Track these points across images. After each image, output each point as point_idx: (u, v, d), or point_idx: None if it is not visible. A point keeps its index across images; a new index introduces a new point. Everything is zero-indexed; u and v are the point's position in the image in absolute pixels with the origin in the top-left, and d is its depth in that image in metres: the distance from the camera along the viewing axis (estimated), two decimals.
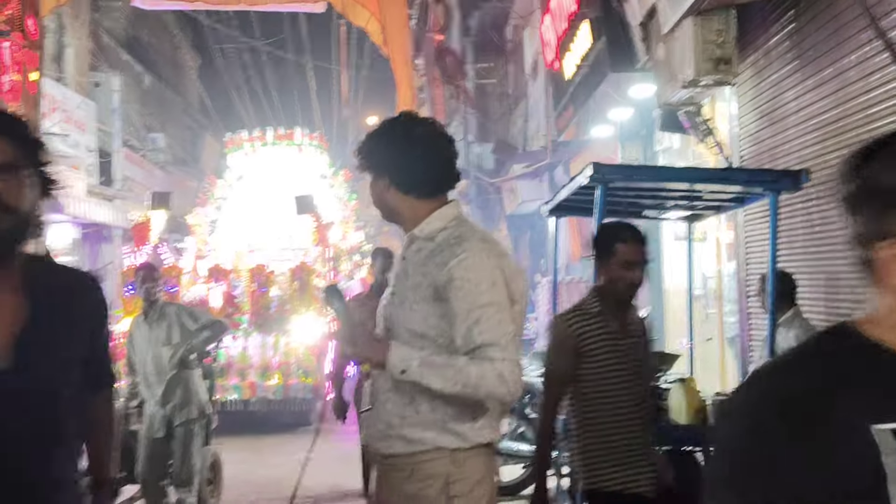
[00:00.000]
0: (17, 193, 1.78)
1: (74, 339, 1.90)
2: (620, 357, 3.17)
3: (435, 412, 2.25)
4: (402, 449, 2.27)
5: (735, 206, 5.41)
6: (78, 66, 16.53)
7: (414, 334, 2.24)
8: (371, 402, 2.39)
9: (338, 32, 19.07)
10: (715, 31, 5.64)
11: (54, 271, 1.98)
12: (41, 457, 1.79)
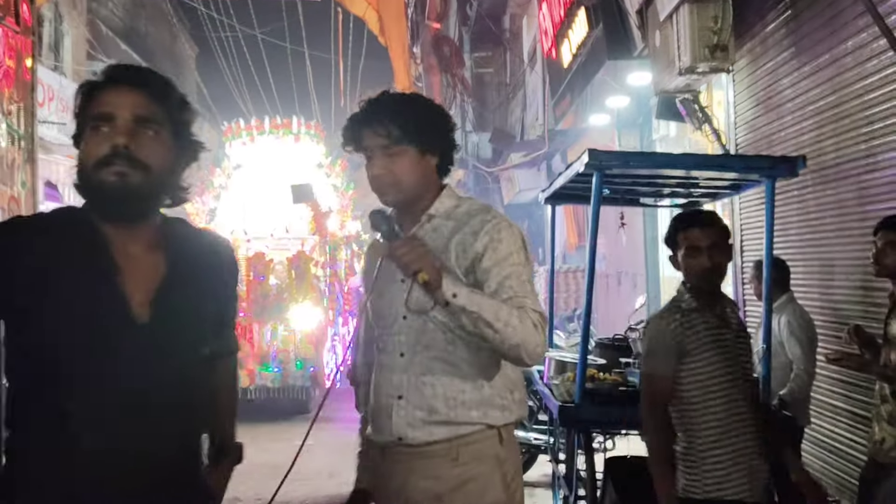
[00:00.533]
0: (152, 150, 1.76)
1: (208, 301, 1.89)
2: (726, 353, 2.98)
3: (481, 389, 2.22)
4: (447, 433, 2.19)
5: (731, 192, 5.41)
6: (75, 55, 16.48)
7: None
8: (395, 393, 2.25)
9: (335, 21, 19.01)
10: (711, 17, 5.64)
11: (191, 233, 1.96)
12: (174, 413, 1.77)
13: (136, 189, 1.74)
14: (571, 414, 4.20)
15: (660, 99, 7.12)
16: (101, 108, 1.75)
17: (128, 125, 1.74)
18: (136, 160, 1.73)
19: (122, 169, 1.72)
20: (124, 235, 1.80)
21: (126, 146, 1.73)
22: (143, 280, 1.77)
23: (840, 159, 5.08)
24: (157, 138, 1.78)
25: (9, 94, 3.40)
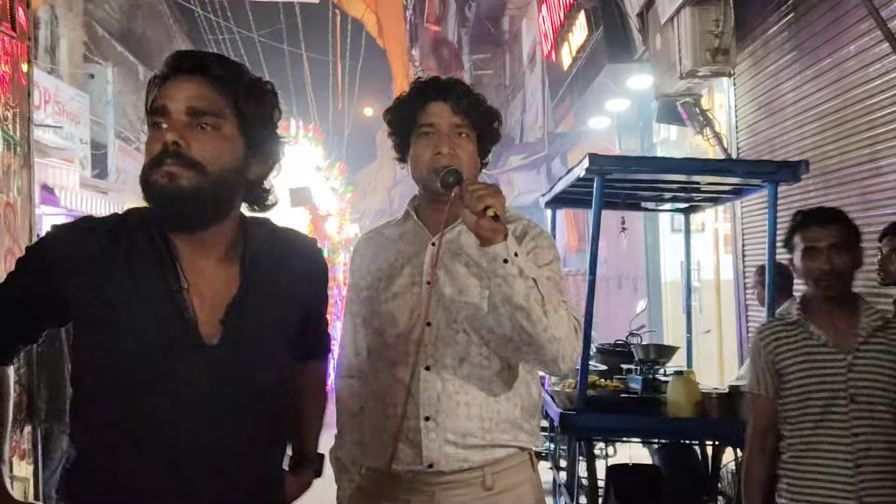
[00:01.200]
0: (208, 146, 1.54)
1: (291, 311, 1.69)
2: (825, 376, 2.58)
3: (513, 410, 2.03)
4: (481, 459, 1.99)
5: (733, 197, 5.37)
6: (71, 58, 16.42)
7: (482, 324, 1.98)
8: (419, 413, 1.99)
9: (333, 23, 18.99)
10: (713, 21, 5.61)
11: (272, 236, 1.72)
12: (249, 441, 1.59)
13: (190, 192, 1.51)
14: (573, 421, 4.16)
15: (661, 102, 7.09)
16: (157, 102, 1.56)
17: (179, 119, 1.53)
18: (188, 158, 1.52)
19: (172, 169, 1.51)
20: (192, 244, 1.60)
21: (176, 143, 1.51)
22: (214, 295, 1.59)
23: (843, 164, 5.05)
24: (217, 133, 1.55)
25: (4, 100, 3.36)
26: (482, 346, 1.99)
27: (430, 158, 2.01)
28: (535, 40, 14.77)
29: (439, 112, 2.04)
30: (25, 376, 3.36)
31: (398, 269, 2.07)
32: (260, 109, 1.62)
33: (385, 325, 2.06)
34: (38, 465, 3.48)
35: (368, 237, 2.26)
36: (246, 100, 1.59)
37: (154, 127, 1.56)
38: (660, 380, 4.51)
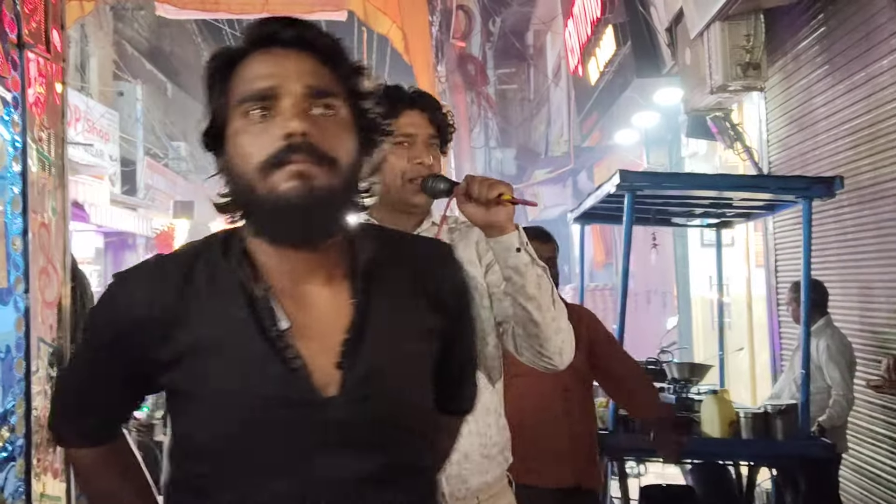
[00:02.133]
0: (336, 137, 1.21)
1: (424, 337, 1.29)
2: None
3: (502, 433, 2.01)
4: (477, 481, 1.95)
5: (765, 213, 5.33)
6: (101, 76, 16.66)
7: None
8: None
9: (359, 40, 19.10)
10: (743, 35, 5.57)
11: (382, 241, 1.32)
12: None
13: (326, 196, 1.18)
14: (606, 441, 4.12)
15: (690, 117, 7.04)
16: (257, 84, 1.19)
17: (301, 103, 1.18)
18: (320, 152, 1.17)
19: (303, 167, 1.16)
20: (296, 267, 1.24)
21: (305, 133, 1.16)
22: (327, 332, 1.22)
23: (877, 179, 4.98)
24: (338, 120, 1.22)
25: (39, 121, 3.39)
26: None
27: (408, 166, 1.98)
28: (560, 54, 14.76)
29: (417, 122, 2.01)
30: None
31: None
32: (366, 90, 1.28)
33: None
34: (69, 483, 3.48)
35: None
36: (356, 79, 1.27)
37: (247, 117, 1.20)
38: (693, 399, 4.46)
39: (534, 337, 1.86)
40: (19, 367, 3.00)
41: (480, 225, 1.83)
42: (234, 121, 1.21)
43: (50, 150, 3.40)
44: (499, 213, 1.78)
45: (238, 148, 1.21)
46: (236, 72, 1.23)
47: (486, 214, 1.79)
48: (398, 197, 2.01)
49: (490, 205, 1.78)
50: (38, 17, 3.37)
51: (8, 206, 3.00)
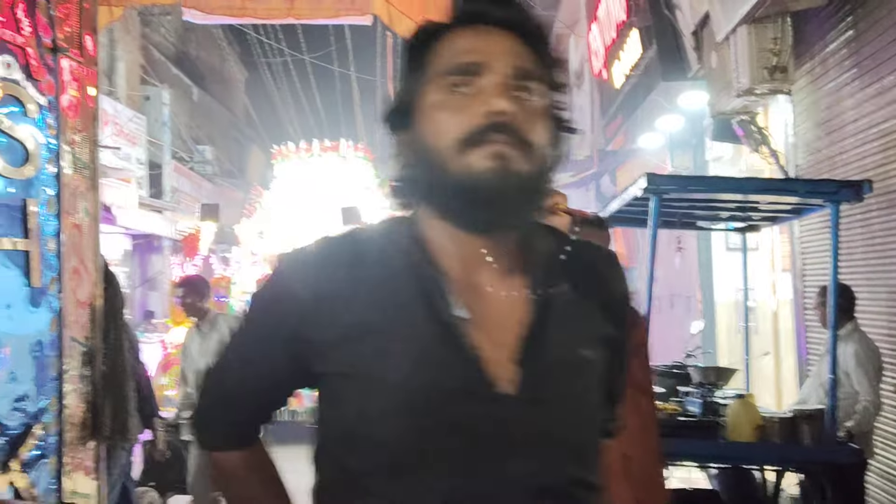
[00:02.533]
0: (537, 123, 1.13)
1: (594, 347, 1.20)
2: None
3: None
4: None
5: (792, 216, 5.29)
6: (129, 81, 16.85)
7: None
8: None
9: (383, 44, 19.19)
10: (771, 39, 5.54)
11: (558, 242, 1.25)
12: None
13: (519, 181, 1.11)
14: None
15: (716, 120, 7.01)
16: (463, 58, 1.13)
17: (506, 82, 1.11)
18: (520, 136, 1.10)
19: (502, 149, 1.09)
20: (474, 254, 1.17)
21: (509, 113, 1.10)
22: (503, 325, 1.14)
23: None
24: (537, 106, 1.14)
25: (73, 124, 3.45)
26: None
27: None
28: (582, 58, 14.73)
29: None
30: (91, 393, 3.42)
31: None
32: (564, 81, 1.20)
33: None
34: (101, 481, 3.53)
35: None
36: (556, 69, 1.19)
37: (448, 91, 1.13)
38: (718, 403, 4.44)
39: None
40: (53, 365, 3.05)
41: None
42: (430, 95, 1.14)
43: (83, 153, 3.46)
44: (552, 221, 1.79)
45: (433, 123, 1.13)
46: (439, 45, 1.16)
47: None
48: None
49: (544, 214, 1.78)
50: (72, 22, 3.43)
51: (42, 208, 3.06)
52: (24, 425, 2.90)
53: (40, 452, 2.98)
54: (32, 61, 3.06)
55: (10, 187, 2.91)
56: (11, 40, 2.95)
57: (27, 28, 3.03)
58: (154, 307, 15.18)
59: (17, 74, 2.99)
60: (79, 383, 3.24)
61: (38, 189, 3.03)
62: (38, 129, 3.08)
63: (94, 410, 3.36)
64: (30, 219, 2.96)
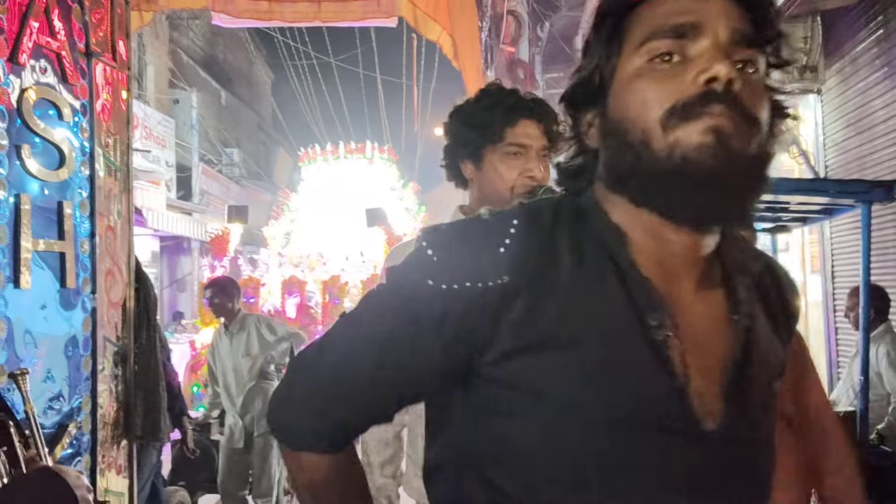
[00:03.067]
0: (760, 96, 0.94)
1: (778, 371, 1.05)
2: None
3: None
4: None
5: (823, 217, 5.23)
6: (158, 84, 17.03)
7: None
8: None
9: (408, 46, 19.26)
10: (801, 38, 5.49)
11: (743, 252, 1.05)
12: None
13: (746, 161, 0.91)
14: None
15: None
16: (673, 19, 0.94)
17: (725, 47, 0.93)
18: (745, 109, 0.91)
19: (724, 122, 0.89)
20: (677, 256, 0.98)
21: (732, 80, 0.90)
22: (707, 349, 0.97)
23: None
24: (758, 79, 0.95)
25: (106, 128, 3.50)
26: None
27: (519, 179, 1.92)
28: None
29: (532, 133, 1.93)
30: (123, 393, 3.46)
31: None
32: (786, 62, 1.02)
33: None
34: (132, 479, 3.57)
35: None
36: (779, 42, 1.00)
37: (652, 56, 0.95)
38: None
39: None
40: (86, 365, 3.10)
41: None
42: (630, 64, 0.96)
43: (116, 156, 3.51)
44: None
45: (634, 93, 0.95)
46: (641, 9, 0.98)
47: None
48: (504, 207, 1.97)
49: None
50: (105, 27, 3.49)
51: (76, 210, 3.11)
52: (58, 424, 2.95)
53: (74, 451, 3.03)
54: (67, 66, 3.11)
55: (45, 189, 2.96)
56: (46, 45, 3.00)
57: (62, 33, 3.09)
58: (183, 308, 15.33)
59: (51, 79, 3.04)
60: (111, 382, 3.28)
61: (72, 191, 3.08)
62: (73, 133, 3.13)
63: (126, 409, 3.41)
64: (65, 221, 3.01)
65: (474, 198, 2.03)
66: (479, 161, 1.96)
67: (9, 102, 2.75)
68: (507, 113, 1.93)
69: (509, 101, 1.96)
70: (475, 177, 1.99)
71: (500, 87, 2.04)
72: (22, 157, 2.82)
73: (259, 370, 5.65)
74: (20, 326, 2.70)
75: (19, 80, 2.83)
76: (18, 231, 2.75)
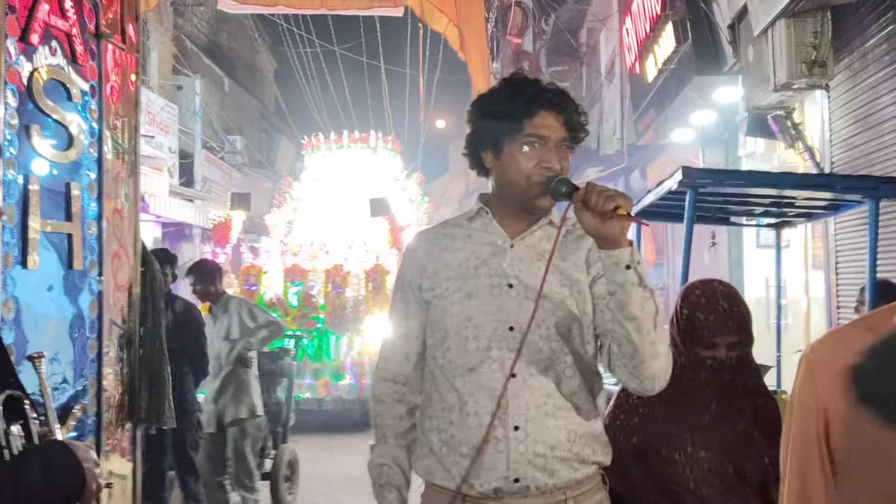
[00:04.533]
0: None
1: None
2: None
3: (595, 423, 1.98)
4: (566, 476, 1.91)
5: (829, 213, 5.22)
6: (161, 70, 16.99)
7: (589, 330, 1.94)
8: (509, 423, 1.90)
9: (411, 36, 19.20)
10: (811, 33, 5.46)
11: None
12: None
13: None
14: None
15: (751, 115, 6.93)
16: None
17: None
18: None
19: None
20: None
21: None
22: None
23: None
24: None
25: (115, 110, 3.49)
26: (567, 355, 1.93)
27: (536, 170, 1.92)
28: (614, 52, 14.64)
29: (552, 124, 1.93)
30: (127, 376, 3.46)
31: (472, 269, 1.98)
32: None
33: (456, 327, 1.95)
34: (136, 462, 3.58)
35: (429, 236, 2.11)
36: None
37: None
38: None
39: (628, 357, 1.83)
40: (92, 347, 3.10)
41: (594, 235, 1.78)
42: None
43: (124, 139, 3.49)
44: (612, 226, 1.74)
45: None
46: None
47: (600, 225, 1.74)
48: (521, 198, 1.98)
49: (605, 216, 1.73)
50: (115, 9, 3.47)
51: (84, 192, 3.10)
52: (63, 406, 2.94)
53: (79, 433, 3.03)
54: (77, 47, 3.10)
55: (54, 170, 2.95)
56: (57, 26, 2.98)
57: (72, 14, 3.07)
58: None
59: (61, 60, 3.03)
60: (116, 366, 3.28)
61: (80, 173, 3.07)
62: (81, 114, 3.12)
63: (130, 393, 3.40)
64: (73, 202, 3.00)
65: (494, 187, 2.05)
66: (499, 151, 1.97)
67: (19, 82, 2.74)
68: (527, 104, 1.94)
69: (530, 91, 1.96)
70: (494, 166, 2.00)
71: (523, 77, 2.05)
72: (31, 137, 2.81)
73: (237, 355, 5.52)
74: (28, 307, 2.70)
75: (30, 61, 2.81)
76: (27, 212, 2.75)
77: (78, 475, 1.60)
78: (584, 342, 1.95)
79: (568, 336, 1.93)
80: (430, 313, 2.01)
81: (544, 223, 2.02)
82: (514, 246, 1.98)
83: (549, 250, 1.92)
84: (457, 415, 1.93)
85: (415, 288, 2.05)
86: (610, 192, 1.74)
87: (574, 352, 1.94)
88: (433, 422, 1.99)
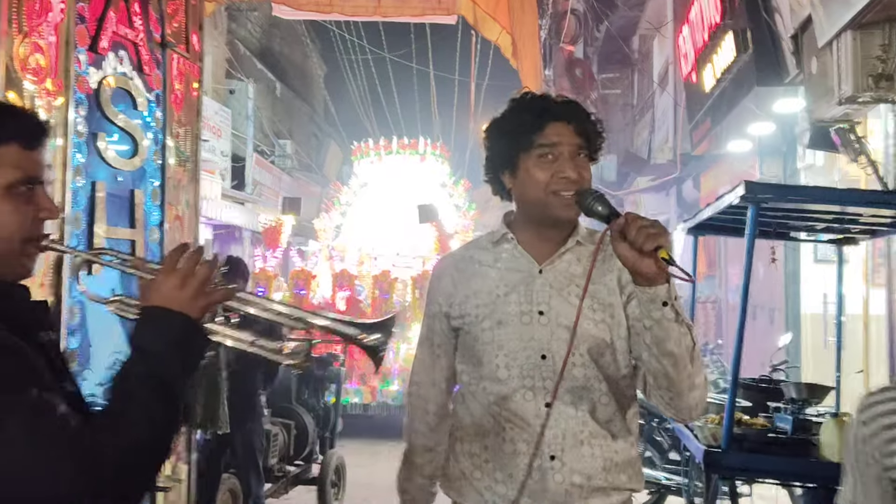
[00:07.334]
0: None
1: None
2: None
3: (630, 449, 1.97)
4: (600, 503, 1.92)
5: (893, 230, 5.08)
6: (215, 74, 17.24)
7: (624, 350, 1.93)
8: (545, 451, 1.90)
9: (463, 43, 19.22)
10: (879, 45, 5.30)
11: None
12: None
13: None
14: (718, 459, 3.99)
15: (813, 128, 6.77)
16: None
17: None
18: None
19: None
20: None
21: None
22: None
23: None
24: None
25: (178, 117, 3.52)
26: (602, 382, 1.92)
27: (552, 180, 1.90)
28: (667, 60, 14.46)
29: (563, 132, 1.91)
30: None
31: (501, 296, 1.96)
32: None
33: (487, 355, 1.95)
34: (191, 465, 3.60)
35: (455, 261, 2.10)
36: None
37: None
38: (811, 421, 4.28)
39: (664, 389, 1.80)
40: None
41: (629, 269, 1.70)
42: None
43: (186, 146, 3.53)
44: (651, 265, 1.66)
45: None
46: None
47: (637, 261, 1.66)
48: (543, 211, 1.95)
49: (644, 254, 1.65)
50: (180, 19, 3.51)
51: (148, 199, 3.14)
52: None
53: None
54: (143, 56, 3.13)
55: (118, 177, 2.98)
56: (124, 35, 3.02)
57: (139, 23, 3.11)
58: None
59: (127, 68, 3.06)
60: None
61: (144, 180, 3.11)
62: (146, 122, 3.16)
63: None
64: (136, 209, 3.04)
65: (517, 207, 2.05)
66: (515, 169, 1.96)
67: (88, 90, 2.78)
68: (535, 118, 1.94)
69: (537, 105, 1.98)
70: (513, 185, 2.00)
71: (529, 94, 2.06)
72: (98, 145, 2.84)
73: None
74: (92, 312, 2.73)
75: (99, 69, 2.85)
76: (93, 218, 2.78)
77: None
78: (618, 368, 1.93)
79: (602, 363, 1.91)
80: (461, 339, 2.02)
81: (572, 244, 1.99)
82: (543, 272, 1.97)
83: (579, 274, 1.92)
84: (491, 440, 1.95)
85: (441, 317, 2.06)
86: (652, 230, 1.65)
87: (609, 378, 1.92)
88: (465, 445, 2.01)
